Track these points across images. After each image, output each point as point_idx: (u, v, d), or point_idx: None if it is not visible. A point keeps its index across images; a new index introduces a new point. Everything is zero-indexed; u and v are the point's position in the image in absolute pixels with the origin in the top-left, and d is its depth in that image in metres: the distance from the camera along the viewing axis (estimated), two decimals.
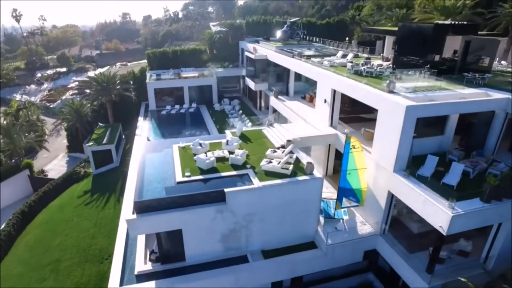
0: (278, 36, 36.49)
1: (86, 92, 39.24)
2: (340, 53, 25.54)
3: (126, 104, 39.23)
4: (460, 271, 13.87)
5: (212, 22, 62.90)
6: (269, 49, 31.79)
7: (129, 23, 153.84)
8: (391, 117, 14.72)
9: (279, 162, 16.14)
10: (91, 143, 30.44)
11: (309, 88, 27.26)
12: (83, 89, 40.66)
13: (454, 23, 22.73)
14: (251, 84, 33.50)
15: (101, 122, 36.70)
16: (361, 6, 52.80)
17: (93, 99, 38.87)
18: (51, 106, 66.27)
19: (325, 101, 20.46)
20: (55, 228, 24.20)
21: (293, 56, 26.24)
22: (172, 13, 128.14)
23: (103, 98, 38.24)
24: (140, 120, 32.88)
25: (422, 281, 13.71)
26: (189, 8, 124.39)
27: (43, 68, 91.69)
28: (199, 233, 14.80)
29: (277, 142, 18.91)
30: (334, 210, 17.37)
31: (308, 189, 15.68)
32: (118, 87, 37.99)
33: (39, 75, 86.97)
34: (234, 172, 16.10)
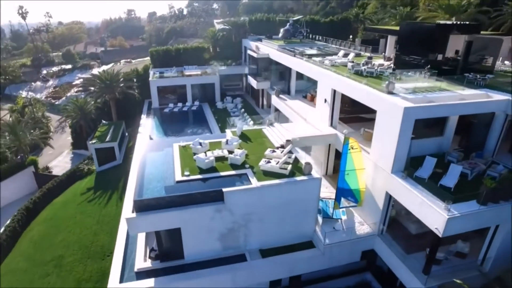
0: (281, 34, 36.39)
1: (90, 90, 39.52)
2: (342, 52, 25.41)
3: (129, 101, 39.42)
4: (457, 272, 13.89)
5: (216, 19, 62.81)
6: (271, 48, 31.74)
7: (134, 19, 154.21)
8: (389, 118, 14.72)
9: (277, 162, 16.22)
10: (94, 141, 30.80)
11: (311, 87, 27.15)
12: (87, 86, 40.89)
13: (456, 22, 22.49)
14: (253, 83, 33.51)
15: (105, 120, 37.11)
16: (365, 3, 52.46)
17: (96, 97, 39.16)
18: (56, 103, 66.92)
19: (325, 101, 20.45)
20: (59, 224, 24.62)
21: (294, 55, 26.20)
22: (177, 10, 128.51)
23: (106, 96, 38.50)
24: (143, 117, 33.09)
25: (418, 281, 13.76)
26: (194, 5, 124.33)
27: (48, 65, 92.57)
28: (198, 232, 14.99)
29: (277, 142, 18.98)
30: (332, 210, 17.45)
31: (306, 189, 15.76)
32: (121, 85, 38.21)
33: (44, 72, 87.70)
34: (233, 172, 16.24)
